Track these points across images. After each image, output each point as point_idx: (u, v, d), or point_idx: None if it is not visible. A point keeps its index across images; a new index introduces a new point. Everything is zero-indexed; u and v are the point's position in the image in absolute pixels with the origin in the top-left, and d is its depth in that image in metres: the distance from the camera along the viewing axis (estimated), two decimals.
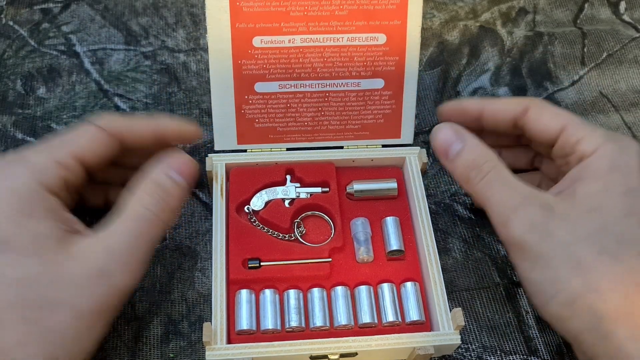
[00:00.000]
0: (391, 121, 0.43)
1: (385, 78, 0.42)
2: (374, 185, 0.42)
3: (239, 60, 0.40)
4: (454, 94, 0.51)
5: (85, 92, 0.49)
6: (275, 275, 0.38)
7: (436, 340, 0.36)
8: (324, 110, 0.42)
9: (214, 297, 0.36)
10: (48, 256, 0.31)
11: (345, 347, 0.35)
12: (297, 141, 0.43)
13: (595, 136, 0.36)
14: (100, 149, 0.36)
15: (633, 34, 0.56)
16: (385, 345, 0.35)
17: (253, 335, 0.36)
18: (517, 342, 0.39)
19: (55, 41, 0.52)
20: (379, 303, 0.38)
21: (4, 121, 0.47)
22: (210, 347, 0.34)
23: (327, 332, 0.37)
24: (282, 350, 0.35)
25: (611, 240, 0.33)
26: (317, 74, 0.41)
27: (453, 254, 0.43)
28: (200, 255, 0.41)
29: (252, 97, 0.41)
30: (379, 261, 0.40)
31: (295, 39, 0.40)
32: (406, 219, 0.41)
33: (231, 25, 0.39)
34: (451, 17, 0.56)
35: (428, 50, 0.54)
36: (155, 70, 0.51)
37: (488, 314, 0.40)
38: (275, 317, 0.37)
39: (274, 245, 0.39)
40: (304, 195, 0.41)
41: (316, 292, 0.38)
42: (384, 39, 0.40)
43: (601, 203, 0.34)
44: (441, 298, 0.37)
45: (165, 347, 0.38)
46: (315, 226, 0.41)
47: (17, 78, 0.50)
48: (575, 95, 0.52)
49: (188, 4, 0.56)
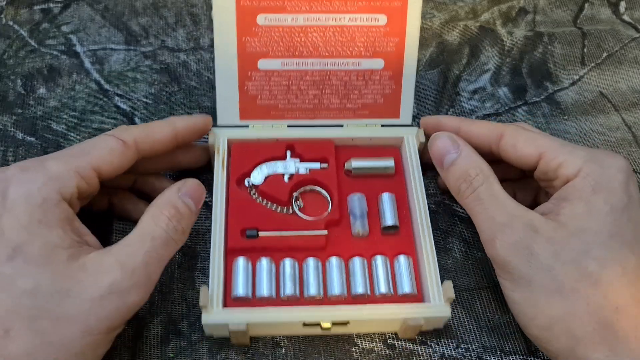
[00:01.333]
0: (390, 101, 0.44)
1: (385, 59, 0.43)
2: (371, 163, 0.43)
3: (243, 38, 0.41)
4: (454, 94, 0.51)
5: (86, 92, 0.50)
6: (272, 245, 0.39)
7: (426, 312, 0.37)
8: (325, 89, 0.43)
9: (212, 263, 0.37)
10: (59, 268, 0.31)
11: (338, 315, 0.36)
12: (298, 118, 0.44)
13: (576, 158, 0.36)
14: (118, 160, 0.36)
15: (633, 34, 0.56)
16: (377, 315, 0.36)
17: (249, 302, 0.37)
18: (517, 342, 0.39)
19: (55, 41, 0.53)
20: (372, 275, 0.39)
21: (4, 121, 0.47)
22: (206, 310, 0.36)
23: (321, 301, 0.38)
24: (276, 317, 0.36)
25: (593, 264, 0.33)
26: (319, 53, 0.42)
27: (453, 254, 0.43)
28: (200, 255, 0.42)
29: (255, 74, 0.42)
30: (374, 236, 0.40)
31: (298, 18, 0.41)
32: (402, 197, 0.42)
33: (236, 2, 0.40)
34: (451, 17, 0.57)
35: (428, 51, 0.54)
36: (155, 70, 0.51)
37: (488, 314, 0.40)
38: (270, 285, 0.38)
39: (272, 218, 0.40)
40: (302, 171, 0.42)
41: (311, 262, 0.39)
42: (384, 20, 0.41)
43: (585, 225, 0.34)
44: (433, 272, 0.38)
45: (165, 347, 0.38)
46: (313, 201, 0.42)
47: (17, 78, 0.50)
48: (575, 95, 0.52)
49: (188, 4, 0.56)
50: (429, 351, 0.38)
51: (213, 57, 0.51)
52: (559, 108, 0.51)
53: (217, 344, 0.38)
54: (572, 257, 0.33)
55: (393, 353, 0.38)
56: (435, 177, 0.46)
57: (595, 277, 0.33)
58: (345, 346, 0.38)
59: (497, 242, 0.35)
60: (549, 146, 0.37)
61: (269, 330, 0.38)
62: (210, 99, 0.49)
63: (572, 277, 0.33)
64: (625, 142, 0.49)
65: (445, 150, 0.39)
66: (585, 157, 0.36)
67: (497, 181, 0.37)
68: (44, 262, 0.31)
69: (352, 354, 0.38)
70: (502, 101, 0.51)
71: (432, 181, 0.46)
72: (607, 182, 0.35)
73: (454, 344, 0.39)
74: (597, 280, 0.32)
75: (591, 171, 0.35)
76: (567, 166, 0.36)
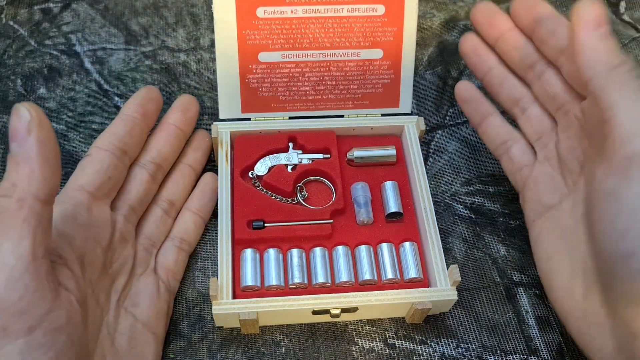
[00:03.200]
0: (390, 91, 0.44)
1: (384, 48, 0.43)
2: (373, 152, 0.43)
3: (243, 31, 0.41)
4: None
5: (86, 91, 0.49)
6: (278, 236, 0.39)
7: (434, 296, 0.37)
8: (325, 80, 0.44)
9: (220, 255, 0.37)
10: None
11: (347, 302, 0.37)
12: (299, 110, 0.44)
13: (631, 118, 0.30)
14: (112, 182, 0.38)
15: (633, 34, 0.56)
16: (385, 300, 0.37)
17: (257, 291, 0.38)
18: (517, 341, 0.39)
19: (55, 41, 0.52)
20: (378, 261, 0.39)
21: (4, 121, 0.47)
22: (216, 301, 0.36)
23: (329, 288, 0.38)
24: (286, 305, 0.36)
25: None
26: (319, 44, 0.43)
27: (453, 254, 0.43)
28: (200, 255, 0.42)
29: (256, 66, 0.43)
30: (379, 223, 0.41)
31: (297, 10, 0.41)
32: (404, 184, 0.43)
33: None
34: (451, 17, 0.57)
35: (428, 50, 0.54)
36: (155, 70, 0.51)
37: (488, 313, 0.40)
38: (279, 275, 0.38)
39: (277, 208, 0.41)
40: (305, 162, 0.43)
41: (318, 251, 0.39)
42: (382, 10, 0.42)
43: None
44: (438, 256, 0.39)
45: (165, 347, 0.38)
46: (317, 191, 0.42)
47: (17, 78, 0.50)
48: None
49: (188, 4, 0.56)
50: (429, 351, 0.39)
51: (213, 57, 0.52)
52: None
53: (217, 344, 0.38)
54: None
55: (393, 352, 0.38)
56: (435, 177, 0.46)
57: None
58: (345, 345, 0.38)
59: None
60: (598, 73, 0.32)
61: (279, 320, 0.38)
62: (210, 99, 0.49)
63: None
64: None
65: (602, 18, 0.32)
66: None
67: None
68: None
69: (352, 353, 0.38)
70: None
71: (431, 181, 0.46)
72: None
73: (454, 344, 0.39)
74: None
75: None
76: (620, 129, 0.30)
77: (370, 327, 0.39)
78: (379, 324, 0.39)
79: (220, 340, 0.38)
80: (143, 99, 0.41)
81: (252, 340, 0.38)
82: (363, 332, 0.39)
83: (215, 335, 0.39)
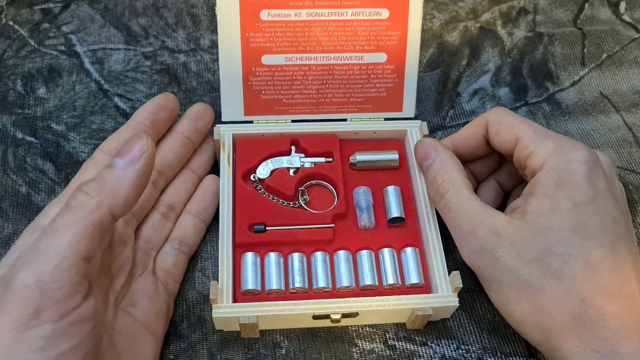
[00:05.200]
0: (393, 95, 0.44)
1: (388, 52, 0.43)
2: (376, 156, 0.43)
3: (246, 33, 0.41)
4: (455, 95, 0.51)
5: (85, 92, 0.49)
6: (279, 240, 0.39)
7: (435, 302, 0.37)
8: (329, 83, 0.44)
9: (221, 259, 0.37)
10: None
11: (347, 307, 0.37)
12: (302, 113, 0.44)
13: (543, 150, 0.36)
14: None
15: (633, 35, 0.56)
16: (386, 305, 0.37)
17: (258, 295, 0.38)
18: (517, 343, 0.39)
19: (55, 41, 0.52)
20: (379, 266, 0.39)
21: (4, 121, 0.47)
22: (216, 305, 0.36)
23: (330, 293, 0.38)
24: (286, 310, 0.36)
25: (556, 261, 0.34)
26: (322, 48, 0.42)
27: (453, 255, 0.42)
28: (200, 255, 0.42)
29: (259, 69, 0.43)
30: (380, 228, 0.41)
31: (301, 13, 0.41)
32: (407, 189, 0.42)
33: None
34: (451, 17, 0.57)
35: (428, 52, 0.54)
36: (155, 70, 0.51)
37: (488, 315, 0.40)
38: (279, 279, 0.38)
39: (278, 212, 0.40)
40: (308, 165, 0.42)
41: (319, 255, 0.39)
42: (387, 14, 0.42)
43: (548, 223, 0.34)
44: (440, 262, 0.38)
45: (165, 348, 0.38)
46: (319, 195, 0.42)
47: (17, 78, 0.50)
48: (575, 96, 0.52)
49: (188, 4, 0.56)
50: (429, 352, 0.39)
51: (213, 58, 0.52)
52: (560, 108, 0.51)
53: (217, 346, 0.38)
54: (535, 255, 0.34)
55: (394, 354, 0.38)
56: None
57: (558, 273, 0.33)
58: (345, 347, 0.38)
59: (464, 249, 0.37)
60: (524, 133, 0.37)
61: (279, 324, 0.38)
62: (210, 99, 0.49)
63: (537, 274, 0.34)
64: (625, 142, 0.49)
65: (426, 155, 0.40)
66: (551, 149, 0.36)
67: (465, 185, 0.37)
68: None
69: (352, 355, 0.38)
70: (503, 102, 0.51)
71: None
72: (570, 176, 0.35)
73: (454, 345, 0.39)
74: (560, 275, 0.33)
75: (555, 165, 0.35)
76: (535, 158, 0.36)
77: (370, 328, 0.39)
78: (379, 326, 0.39)
79: (220, 342, 0.38)
80: (156, 106, 0.41)
81: (252, 342, 0.38)
82: (363, 334, 0.39)
83: (215, 337, 0.38)
